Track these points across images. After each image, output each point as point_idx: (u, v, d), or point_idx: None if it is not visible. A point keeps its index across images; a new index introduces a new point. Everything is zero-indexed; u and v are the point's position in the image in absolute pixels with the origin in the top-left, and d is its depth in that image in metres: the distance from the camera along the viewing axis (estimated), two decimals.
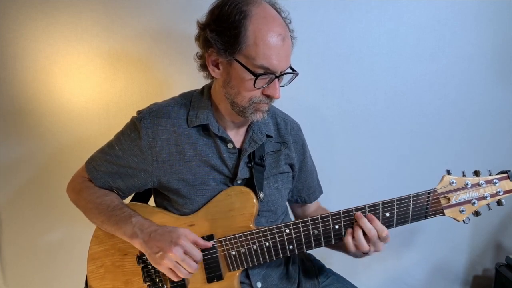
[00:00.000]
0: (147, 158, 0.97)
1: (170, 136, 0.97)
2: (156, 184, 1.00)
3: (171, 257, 0.84)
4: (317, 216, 0.92)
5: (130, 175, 1.00)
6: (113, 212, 0.95)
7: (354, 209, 0.91)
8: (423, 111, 1.55)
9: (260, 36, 0.83)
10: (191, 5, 1.36)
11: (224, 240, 0.95)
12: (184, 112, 0.99)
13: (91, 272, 1.02)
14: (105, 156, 1.02)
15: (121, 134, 1.02)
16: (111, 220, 0.94)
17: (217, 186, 0.99)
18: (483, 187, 0.88)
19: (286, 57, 0.88)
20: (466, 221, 0.90)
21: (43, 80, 1.42)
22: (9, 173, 1.50)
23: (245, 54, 0.85)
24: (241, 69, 0.86)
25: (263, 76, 0.86)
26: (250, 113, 0.92)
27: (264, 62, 0.84)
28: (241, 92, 0.89)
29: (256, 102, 0.90)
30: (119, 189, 1.04)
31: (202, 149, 0.98)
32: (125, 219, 0.92)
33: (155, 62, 1.43)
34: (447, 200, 0.89)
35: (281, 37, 0.85)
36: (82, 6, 1.37)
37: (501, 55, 1.50)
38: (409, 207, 0.89)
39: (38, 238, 1.57)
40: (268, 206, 1.03)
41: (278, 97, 0.90)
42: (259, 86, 0.88)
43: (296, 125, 1.14)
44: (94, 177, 1.03)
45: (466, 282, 1.77)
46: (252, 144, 1.00)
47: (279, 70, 0.87)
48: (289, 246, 0.93)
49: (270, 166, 1.04)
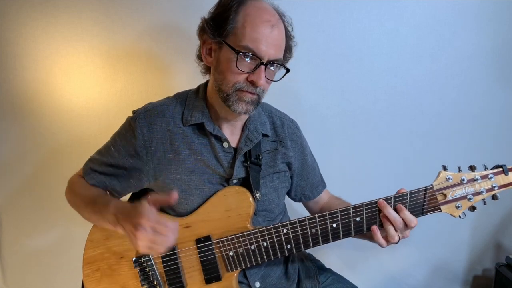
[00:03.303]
0: (142, 157, 0.97)
1: (165, 135, 0.97)
2: (152, 183, 1.00)
3: (140, 241, 0.78)
4: (315, 215, 0.92)
5: (126, 175, 1.00)
6: (97, 203, 0.94)
7: (352, 207, 0.91)
8: (423, 111, 1.54)
9: (249, 20, 0.87)
10: (191, 5, 1.36)
11: (222, 241, 0.95)
12: (179, 111, 0.99)
13: (87, 276, 1.01)
14: (101, 158, 1.02)
15: (117, 135, 1.02)
16: (95, 211, 0.93)
17: (213, 186, 0.98)
18: (478, 182, 0.89)
19: (275, 46, 0.89)
20: (462, 216, 0.90)
21: (43, 80, 1.42)
22: (9, 173, 1.51)
23: (233, 36, 0.88)
24: (228, 50, 0.88)
25: (248, 58, 0.87)
26: (233, 101, 0.91)
27: (249, 44, 0.86)
28: (226, 77, 0.90)
29: (239, 88, 0.90)
30: (114, 190, 1.03)
31: (197, 148, 0.97)
32: (105, 207, 0.89)
33: (155, 62, 1.43)
34: (444, 196, 0.90)
35: (270, 24, 0.88)
36: (82, 6, 1.37)
37: (501, 55, 1.50)
38: (406, 204, 0.90)
39: (38, 238, 1.57)
40: (264, 205, 1.02)
41: (261, 84, 0.89)
42: (242, 68, 0.88)
43: (293, 123, 1.14)
44: (90, 177, 1.02)
45: (466, 282, 1.77)
46: (248, 143, 1.00)
47: (266, 57, 0.88)
48: (287, 245, 0.93)
49: (266, 165, 1.04)
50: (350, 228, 0.91)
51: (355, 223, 0.91)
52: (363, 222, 0.91)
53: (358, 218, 0.91)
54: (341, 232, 0.92)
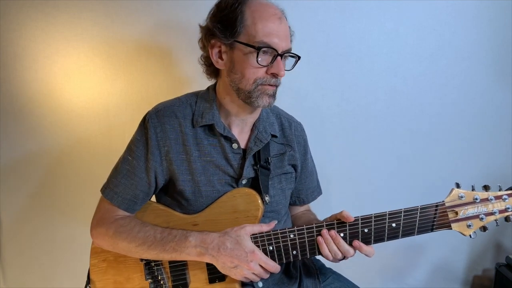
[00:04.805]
0: (156, 158, 0.96)
1: (177, 135, 0.97)
2: (166, 183, 1.00)
3: (249, 271, 0.88)
4: (323, 223, 0.91)
5: (147, 182, 0.97)
6: (164, 241, 0.92)
7: (360, 218, 0.90)
8: (423, 111, 1.54)
9: (257, 16, 0.89)
10: (192, 5, 1.36)
11: None
12: (189, 112, 0.99)
13: (93, 266, 1.02)
14: (118, 175, 0.98)
15: (131, 144, 1.00)
16: (167, 250, 0.91)
17: (222, 187, 0.98)
18: (492, 203, 0.87)
19: (285, 36, 0.92)
20: (473, 236, 0.89)
21: (43, 80, 1.42)
22: (9, 173, 1.50)
23: (245, 34, 0.89)
24: (243, 48, 0.90)
25: (265, 53, 0.89)
26: (256, 97, 0.92)
27: (264, 38, 0.88)
28: (245, 75, 0.91)
29: (261, 83, 0.91)
30: (143, 201, 1.00)
31: (207, 150, 0.98)
32: (182, 242, 0.90)
33: (155, 62, 1.43)
34: (455, 214, 0.88)
35: (277, 16, 0.91)
36: (82, 6, 1.36)
37: (501, 55, 1.50)
38: (416, 219, 0.89)
39: (38, 238, 1.57)
40: (272, 206, 1.03)
41: (283, 74, 0.92)
42: (262, 63, 0.90)
43: (300, 126, 1.15)
44: (117, 202, 0.97)
45: (466, 282, 1.77)
46: (257, 143, 1.00)
47: (280, 49, 0.90)
48: (292, 251, 0.92)
49: (274, 166, 1.04)
50: (357, 239, 0.91)
51: (363, 233, 0.90)
52: (371, 233, 0.90)
53: (367, 229, 0.90)
54: (348, 242, 0.91)
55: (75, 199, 1.53)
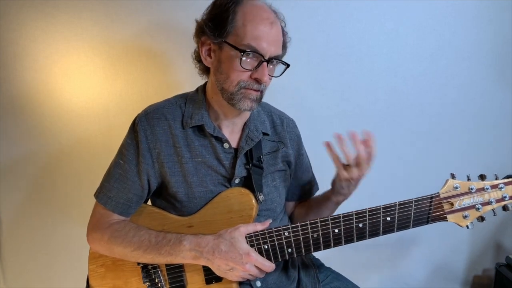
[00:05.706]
0: (148, 161, 0.96)
1: (168, 137, 0.97)
2: (159, 185, 1.00)
3: (244, 273, 0.88)
4: (317, 220, 0.91)
5: (140, 186, 0.97)
6: (159, 245, 0.91)
7: (354, 213, 0.90)
8: (423, 111, 1.54)
9: (248, 18, 0.88)
10: (191, 5, 1.36)
11: None
12: (179, 113, 0.99)
13: (92, 271, 1.02)
14: (111, 179, 0.98)
15: (122, 148, 0.99)
16: (162, 254, 0.91)
17: (215, 187, 0.98)
18: (488, 192, 0.86)
19: (275, 42, 0.91)
20: (470, 227, 0.88)
21: (43, 80, 1.42)
22: (9, 173, 1.50)
23: (234, 35, 0.88)
24: (230, 50, 0.89)
25: (251, 56, 0.88)
26: (238, 100, 0.91)
27: (251, 42, 0.87)
28: (229, 76, 0.90)
29: (244, 87, 0.90)
30: (137, 204, 1.00)
31: (198, 150, 0.97)
32: (176, 246, 0.90)
33: (155, 62, 1.43)
34: (450, 205, 0.87)
35: (269, 21, 0.89)
36: (82, 6, 1.36)
37: (501, 55, 1.50)
38: (411, 212, 0.88)
39: (38, 238, 1.57)
40: (266, 205, 1.02)
41: (266, 81, 0.90)
42: (246, 66, 0.89)
43: (292, 122, 1.14)
44: (111, 206, 0.97)
45: (466, 282, 1.77)
46: (248, 142, 1.00)
47: (267, 54, 0.89)
48: (287, 249, 0.92)
49: (267, 164, 1.04)
50: (352, 234, 0.90)
51: (358, 228, 0.90)
52: (365, 228, 0.90)
53: (361, 224, 0.90)
54: (343, 238, 0.91)
55: (75, 199, 1.53)
